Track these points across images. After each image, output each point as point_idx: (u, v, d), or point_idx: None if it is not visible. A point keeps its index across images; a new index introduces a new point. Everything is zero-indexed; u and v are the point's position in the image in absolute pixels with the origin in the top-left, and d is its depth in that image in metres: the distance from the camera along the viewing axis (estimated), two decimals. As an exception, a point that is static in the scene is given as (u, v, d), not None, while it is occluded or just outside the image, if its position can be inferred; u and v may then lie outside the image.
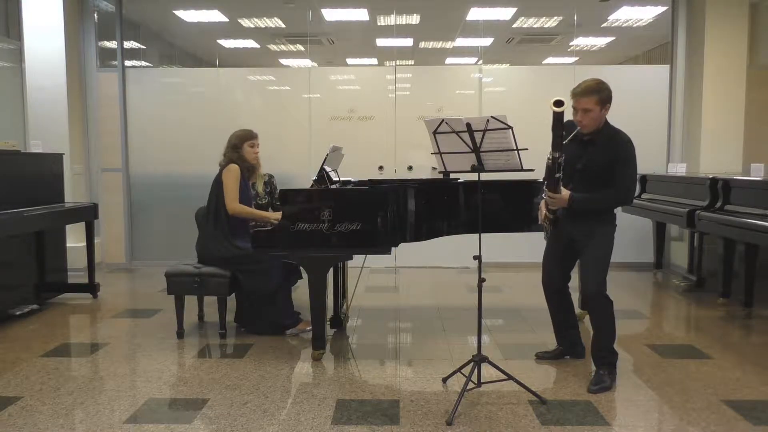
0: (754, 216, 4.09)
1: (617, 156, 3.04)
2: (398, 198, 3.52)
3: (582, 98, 3.00)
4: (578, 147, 3.10)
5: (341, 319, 4.15)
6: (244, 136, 3.98)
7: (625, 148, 3.06)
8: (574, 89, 3.06)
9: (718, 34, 5.91)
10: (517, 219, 4.07)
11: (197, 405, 2.89)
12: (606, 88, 3.03)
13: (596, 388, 3.04)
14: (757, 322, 4.33)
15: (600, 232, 3.14)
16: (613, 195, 3.09)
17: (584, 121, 3.04)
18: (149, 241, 6.56)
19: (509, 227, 4.11)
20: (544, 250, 3.41)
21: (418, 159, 6.36)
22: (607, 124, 3.11)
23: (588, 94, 2.99)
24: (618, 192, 3.08)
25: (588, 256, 3.14)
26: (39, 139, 5.55)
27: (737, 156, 5.98)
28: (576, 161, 3.10)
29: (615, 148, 3.05)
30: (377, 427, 2.66)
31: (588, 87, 3.01)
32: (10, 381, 3.20)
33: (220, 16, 6.85)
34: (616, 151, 3.05)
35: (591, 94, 2.99)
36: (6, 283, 4.38)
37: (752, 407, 2.84)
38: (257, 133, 4.06)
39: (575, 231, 3.18)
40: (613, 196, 3.09)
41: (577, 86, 3.07)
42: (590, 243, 3.13)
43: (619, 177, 3.05)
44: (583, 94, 3.00)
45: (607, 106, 3.05)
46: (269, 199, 4.50)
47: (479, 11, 6.57)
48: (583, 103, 3.00)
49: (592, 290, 3.11)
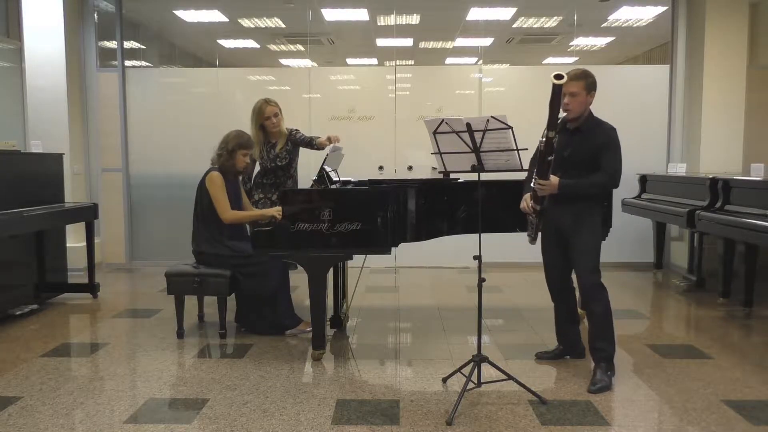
0: (754, 216, 4.09)
1: (603, 142, 3.14)
2: (398, 198, 3.52)
3: (570, 81, 3.05)
4: (564, 136, 3.17)
5: (341, 319, 4.15)
6: (242, 143, 3.92)
7: (610, 134, 3.16)
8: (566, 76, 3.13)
9: (718, 34, 5.91)
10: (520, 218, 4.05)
11: (197, 405, 2.89)
12: (592, 76, 3.16)
13: (595, 389, 3.04)
14: (757, 322, 4.33)
15: (588, 220, 3.19)
16: (602, 178, 3.14)
17: (571, 105, 3.11)
18: (149, 241, 6.57)
19: (510, 227, 4.10)
20: (542, 249, 3.42)
21: (418, 159, 6.36)
22: (591, 114, 3.21)
23: (576, 78, 3.09)
24: (606, 175, 3.13)
25: (578, 245, 3.18)
26: (39, 139, 5.56)
27: (737, 156, 5.98)
28: (563, 149, 3.15)
29: (600, 134, 3.15)
30: (377, 427, 2.66)
31: (576, 72, 3.12)
32: (10, 381, 3.20)
33: (220, 16, 6.85)
34: (602, 137, 3.14)
35: (578, 79, 3.09)
36: (6, 283, 4.38)
37: (752, 407, 2.85)
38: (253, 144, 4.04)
39: (562, 219, 3.22)
40: (601, 180, 3.15)
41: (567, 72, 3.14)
42: (578, 230, 3.17)
43: (607, 161, 3.12)
44: (571, 77, 3.07)
45: (593, 93, 3.15)
46: (289, 158, 4.36)
47: (479, 11, 6.57)
48: (571, 87, 3.07)
49: (585, 279, 3.15)
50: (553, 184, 3.10)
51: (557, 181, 3.10)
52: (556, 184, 3.10)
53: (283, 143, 4.28)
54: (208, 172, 3.91)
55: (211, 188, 3.84)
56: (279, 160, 4.28)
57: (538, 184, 3.13)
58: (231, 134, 3.96)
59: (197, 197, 3.96)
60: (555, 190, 3.11)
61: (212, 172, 3.89)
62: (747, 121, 6.00)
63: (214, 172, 3.88)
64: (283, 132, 4.28)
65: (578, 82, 3.09)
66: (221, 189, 3.84)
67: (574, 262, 3.22)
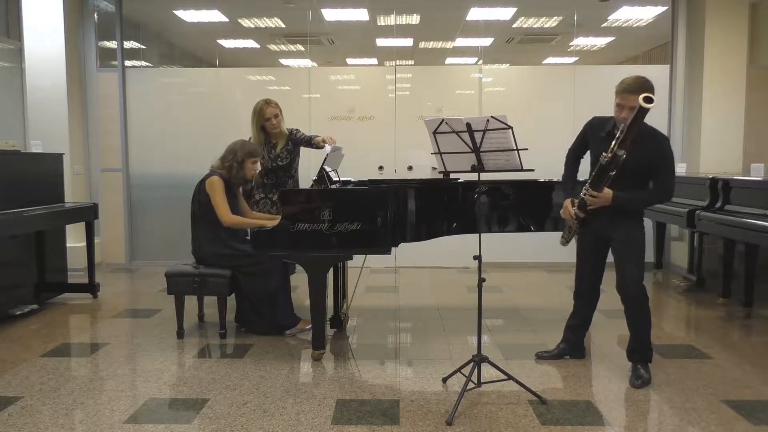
0: (754, 216, 4.09)
1: (660, 154, 3.05)
2: (398, 198, 3.52)
3: (632, 95, 2.90)
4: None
5: (341, 319, 4.15)
6: (250, 152, 3.89)
7: (667, 146, 3.09)
8: (626, 87, 2.96)
9: (718, 34, 5.91)
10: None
11: (197, 405, 2.89)
12: (652, 86, 2.96)
13: (639, 383, 3.09)
14: (757, 322, 4.33)
15: (636, 229, 3.16)
16: (658, 196, 3.13)
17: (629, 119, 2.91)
18: (149, 241, 6.57)
19: (513, 227, 4.10)
20: (577, 252, 3.39)
21: (418, 159, 6.36)
22: (645, 123, 2.99)
23: (640, 91, 2.87)
24: (661, 191, 3.10)
25: (626, 254, 3.14)
26: (39, 139, 5.56)
27: (737, 156, 5.97)
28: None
29: (656, 146, 3.05)
30: (377, 427, 2.66)
31: (641, 84, 2.93)
32: (10, 381, 3.20)
33: (220, 16, 6.85)
34: (658, 149, 3.05)
35: (642, 92, 2.85)
36: (6, 283, 4.38)
37: (752, 407, 2.85)
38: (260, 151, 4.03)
39: (612, 230, 3.16)
40: (656, 197, 3.13)
41: (623, 82, 2.98)
42: (627, 240, 3.13)
43: (663, 176, 3.07)
44: (635, 91, 2.89)
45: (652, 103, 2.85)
46: (290, 158, 4.35)
47: (479, 11, 6.57)
48: (633, 101, 2.88)
49: (632, 289, 3.12)
50: (607, 197, 3.03)
51: (611, 194, 3.02)
52: (609, 197, 3.03)
53: (283, 143, 4.28)
54: (209, 176, 3.89)
55: (211, 193, 3.82)
56: (280, 160, 4.28)
57: (590, 196, 3.06)
58: (237, 144, 3.91)
59: (193, 198, 3.95)
60: (608, 202, 3.05)
61: (213, 176, 3.86)
62: (747, 121, 6.00)
63: (214, 176, 3.86)
64: (283, 132, 4.28)
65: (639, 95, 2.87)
66: (221, 193, 3.82)
67: (620, 271, 3.15)
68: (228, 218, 3.82)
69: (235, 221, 3.86)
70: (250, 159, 3.89)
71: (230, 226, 3.85)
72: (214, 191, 3.82)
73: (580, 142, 3.32)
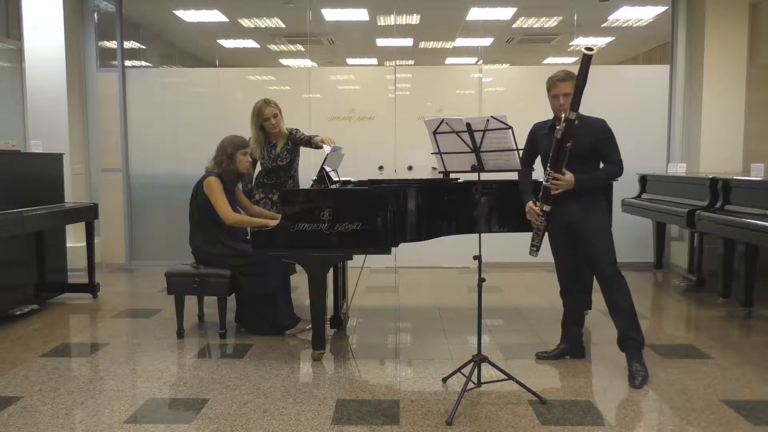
0: (754, 216, 4.08)
1: (601, 133, 3.24)
2: (398, 198, 3.53)
3: (565, 83, 3.17)
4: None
5: (341, 319, 4.15)
6: (238, 144, 3.90)
7: (605, 125, 3.27)
8: (556, 76, 3.22)
9: (718, 34, 5.90)
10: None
11: (197, 405, 2.89)
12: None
13: (639, 382, 3.09)
14: (757, 322, 4.33)
15: (596, 209, 3.26)
16: (612, 168, 3.26)
17: (566, 105, 3.16)
18: (149, 241, 6.57)
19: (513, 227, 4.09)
20: (552, 251, 3.43)
21: (418, 159, 6.36)
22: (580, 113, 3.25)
23: (569, 78, 3.16)
24: (615, 165, 3.25)
25: (592, 235, 3.21)
26: (39, 139, 5.55)
27: (737, 156, 5.97)
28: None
29: (595, 127, 3.25)
30: (377, 427, 2.66)
31: (568, 73, 3.20)
32: (10, 381, 3.20)
33: (220, 16, 6.85)
34: (598, 128, 3.25)
35: (571, 79, 3.16)
36: (6, 283, 4.38)
37: (752, 407, 2.85)
38: (248, 142, 4.03)
39: (570, 215, 3.24)
40: (611, 169, 3.27)
41: (555, 74, 3.23)
42: (590, 220, 3.22)
43: (609, 151, 3.25)
44: (565, 78, 3.18)
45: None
46: (289, 157, 4.35)
47: (479, 11, 6.57)
48: (566, 87, 3.16)
49: (606, 270, 3.19)
50: (569, 180, 3.13)
51: (572, 177, 3.13)
52: (572, 180, 3.14)
53: (283, 143, 4.28)
54: (205, 178, 3.88)
55: (210, 194, 3.81)
56: (280, 160, 4.28)
57: (552, 181, 3.16)
58: (225, 140, 3.94)
59: (191, 200, 3.95)
60: (571, 185, 3.14)
61: (209, 177, 3.85)
62: (747, 121, 6.00)
63: (211, 177, 3.85)
64: (283, 132, 4.28)
65: (571, 81, 3.15)
66: (220, 192, 3.82)
67: (589, 254, 3.24)
68: (231, 217, 3.81)
69: (237, 219, 3.85)
70: (239, 151, 3.89)
71: (233, 224, 3.84)
72: (213, 192, 3.81)
73: (528, 148, 3.46)
